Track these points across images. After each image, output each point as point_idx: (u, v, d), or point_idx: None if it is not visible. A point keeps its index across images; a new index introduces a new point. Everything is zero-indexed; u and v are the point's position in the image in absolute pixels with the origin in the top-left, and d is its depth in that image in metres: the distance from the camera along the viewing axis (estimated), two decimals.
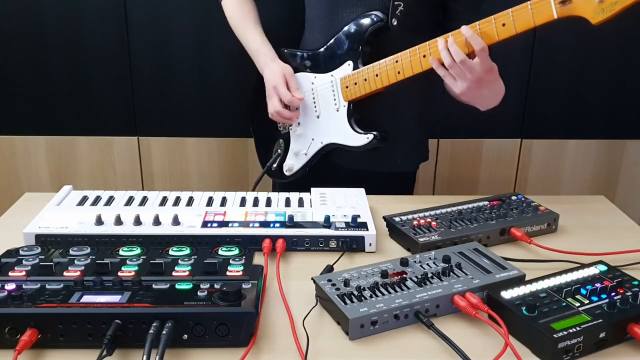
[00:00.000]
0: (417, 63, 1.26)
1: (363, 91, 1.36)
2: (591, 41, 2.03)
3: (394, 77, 1.30)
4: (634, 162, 2.19)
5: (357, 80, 1.36)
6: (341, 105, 1.40)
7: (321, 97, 1.42)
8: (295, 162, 1.51)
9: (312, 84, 1.43)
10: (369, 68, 1.33)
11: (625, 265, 1.05)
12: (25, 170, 2.13)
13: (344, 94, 1.39)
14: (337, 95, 1.39)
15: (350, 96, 1.38)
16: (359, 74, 1.35)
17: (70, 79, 2.02)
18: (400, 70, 1.29)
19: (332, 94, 1.40)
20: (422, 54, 1.25)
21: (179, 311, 0.82)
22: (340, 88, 1.39)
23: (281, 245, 1.09)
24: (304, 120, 1.47)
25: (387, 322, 0.88)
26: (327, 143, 1.45)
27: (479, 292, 0.93)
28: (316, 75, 1.42)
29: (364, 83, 1.35)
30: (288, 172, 1.53)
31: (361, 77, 1.35)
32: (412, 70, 1.27)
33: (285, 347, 0.84)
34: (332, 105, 1.41)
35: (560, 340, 0.80)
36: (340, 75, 1.38)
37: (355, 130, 1.39)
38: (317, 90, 1.43)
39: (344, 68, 1.38)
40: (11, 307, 0.81)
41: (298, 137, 1.49)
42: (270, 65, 1.42)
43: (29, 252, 0.99)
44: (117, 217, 1.13)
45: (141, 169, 2.14)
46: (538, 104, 2.11)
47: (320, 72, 1.42)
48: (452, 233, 1.12)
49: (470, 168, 2.18)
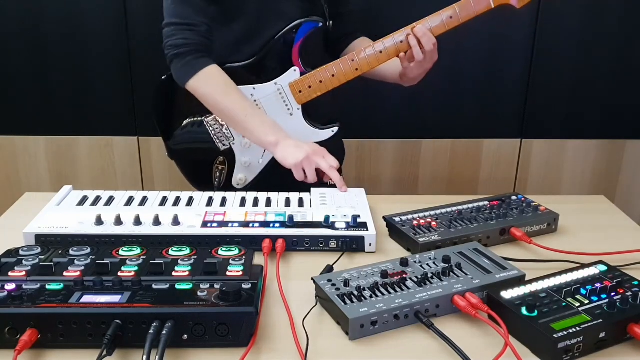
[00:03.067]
0: (374, 58, 1.38)
1: (318, 92, 1.42)
2: (591, 41, 2.03)
3: (352, 74, 1.40)
4: (634, 162, 2.19)
5: (310, 84, 1.41)
6: (295, 109, 1.44)
7: (269, 105, 1.43)
8: (248, 174, 1.49)
9: (251, 95, 1.43)
10: (322, 70, 1.40)
11: (625, 265, 1.05)
12: (25, 170, 2.13)
13: (297, 98, 1.43)
14: (289, 100, 1.43)
15: (304, 99, 1.43)
16: (311, 77, 1.41)
17: (70, 79, 2.02)
18: (358, 67, 1.39)
19: (281, 100, 1.43)
20: (378, 50, 1.37)
21: (179, 311, 0.81)
22: (291, 93, 1.42)
23: (281, 246, 1.09)
24: None
25: (387, 322, 0.88)
26: None
27: (479, 292, 0.93)
28: (255, 86, 1.42)
29: (319, 85, 1.41)
30: (239, 185, 1.50)
31: (315, 80, 1.40)
32: (369, 65, 1.39)
33: (285, 347, 0.84)
34: (285, 111, 1.44)
35: (560, 340, 0.80)
36: (288, 81, 1.41)
37: (317, 127, 1.46)
38: (260, 100, 1.43)
39: (289, 74, 1.41)
40: (11, 307, 0.81)
41: (246, 149, 1.47)
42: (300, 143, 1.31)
43: (29, 252, 0.99)
44: (117, 217, 1.13)
45: (141, 169, 2.14)
46: (538, 104, 2.11)
47: (259, 82, 1.42)
48: (452, 233, 1.12)
49: (470, 168, 2.18)
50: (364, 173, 2.16)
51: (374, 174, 2.17)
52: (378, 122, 2.10)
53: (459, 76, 2.06)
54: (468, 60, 2.04)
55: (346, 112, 2.07)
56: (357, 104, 2.07)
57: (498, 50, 2.04)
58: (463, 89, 2.07)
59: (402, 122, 2.11)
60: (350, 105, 2.06)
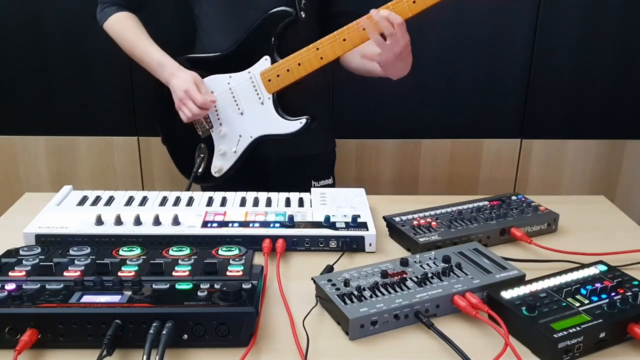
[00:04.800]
0: (339, 47, 1.37)
1: (287, 81, 1.43)
2: (591, 41, 2.03)
3: (317, 63, 1.39)
4: (634, 162, 2.19)
5: (279, 72, 1.42)
6: (265, 98, 1.45)
7: (241, 94, 1.47)
8: (224, 163, 1.53)
9: (228, 84, 1.47)
10: (290, 59, 1.41)
11: (625, 265, 1.05)
12: (25, 170, 2.13)
13: (267, 87, 1.45)
14: (260, 89, 1.45)
15: (274, 88, 1.44)
16: (280, 66, 1.42)
17: (71, 79, 2.02)
18: (322, 56, 1.38)
19: (253, 89, 1.45)
20: (341, 38, 1.35)
21: (179, 311, 0.82)
22: (261, 82, 1.44)
23: (281, 245, 1.09)
24: (227, 120, 1.50)
25: (387, 322, 0.88)
26: (258, 136, 1.49)
27: (479, 292, 0.93)
28: (231, 75, 1.47)
29: (286, 74, 1.42)
30: (217, 174, 1.54)
31: (283, 69, 1.42)
32: (334, 54, 1.38)
33: (285, 347, 0.84)
34: (256, 100, 1.46)
35: (560, 340, 0.80)
36: (259, 70, 1.44)
37: (286, 118, 1.46)
38: (235, 88, 1.47)
39: (261, 63, 1.44)
40: (11, 307, 0.81)
41: (223, 138, 1.52)
42: (178, 74, 1.45)
43: (29, 252, 0.99)
44: (117, 217, 1.13)
45: (141, 169, 2.14)
46: (538, 104, 2.11)
47: (235, 71, 1.46)
48: (452, 233, 1.12)
49: (470, 168, 2.18)
50: (364, 173, 2.16)
51: (374, 174, 2.17)
52: (378, 122, 2.10)
53: (459, 76, 2.06)
54: (468, 60, 2.04)
55: (346, 112, 2.07)
56: (357, 104, 2.07)
57: (498, 50, 2.04)
58: (463, 89, 2.07)
59: (402, 122, 2.10)
60: (350, 105, 2.06)
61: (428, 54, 2.00)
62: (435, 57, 2.02)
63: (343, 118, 2.07)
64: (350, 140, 2.10)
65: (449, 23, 1.98)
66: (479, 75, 2.06)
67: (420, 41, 1.97)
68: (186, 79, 1.44)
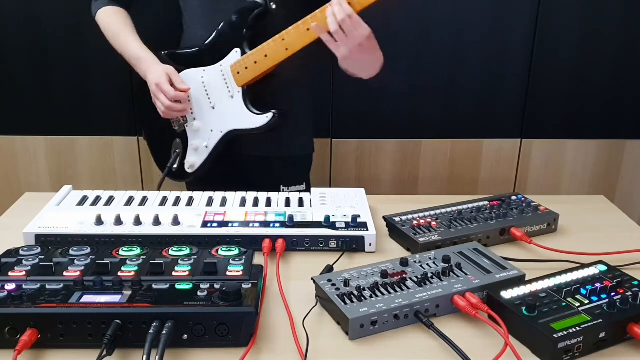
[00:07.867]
0: (303, 36, 1.32)
1: (255, 74, 1.40)
2: (591, 41, 2.03)
3: (283, 54, 1.35)
4: (634, 162, 2.19)
5: (247, 65, 1.40)
6: (235, 92, 1.44)
7: (213, 88, 1.46)
8: (196, 158, 1.52)
9: (201, 77, 1.46)
10: (257, 50, 1.39)
11: (625, 265, 1.05)
12: (25, 170, 2.13)
13: (236, 80, 1.43)
14: (230, 82, 1.43)
15: (242, 81, 1.42)
16: (248, 58, 1.40)
17: (70, 79, 2.02)
18: (287, 47, 1.34)
19: (223, 82, 1.44)
20: (305, 28, 1.31)
21: (178, 311, 0.82)
22: (231, 75, 1.43)
23: (281, 246, 1.09)
24: (200, 114, 1.49)
25: (387, 322, 0.88)
26: (228, 131, 1.47)
27: (479, 292, 0.93)
28: (205, 68, 1.46)
29: (254, 66, 1.39)
30: (190, 169, 1.53)
31: (251, 61, 1.39)
32: (299, 44, 1.33)
33: (285, 347, 0.84)
34: (226, 94, 1.44)
35: (560, 340, 0.80)
36: (230, 63, 1.43)
37: (253, 112, 1.43)
38: (207, 82, 1.46)
39: (232, 56, 1.42)
40: (11, 307, 0.81)
41: (196, 132, 1.50)
42: (152, 68, 1.45)
43: (29, 252, 0.99)
44: (117, 217, 1.13)
45: (141, 169, 2.14)
46: (538, 104, 2.11)
47: (208, 65, 1.45)
48: (452, 233, 1.12)
49: (470, 168, 2.18)
50: (364, 173, 2.16)
51: (374, 174, 2.17)
52: (378, 122, 2.10)
53: (459, 76, 2.06)
54: (468, 61, 2.04)
55: (346, 111, 2.07)
56: (357, 104, 2.07)
57: (498, 50, 2.04)
58: (463, 89, 2.07)
59: (402, 122, 2.10)
60: (350, 105, 2.06)
61: (428, 54, 2.00)
62: (435, 57, 2.02)
63: (343, 118, 2.07)
64: (350, 140, 2.11)
65: (449, 23, 1.98)
66: (478, 75, 2.06)
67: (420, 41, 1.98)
68: (159, 73, 1.43)
